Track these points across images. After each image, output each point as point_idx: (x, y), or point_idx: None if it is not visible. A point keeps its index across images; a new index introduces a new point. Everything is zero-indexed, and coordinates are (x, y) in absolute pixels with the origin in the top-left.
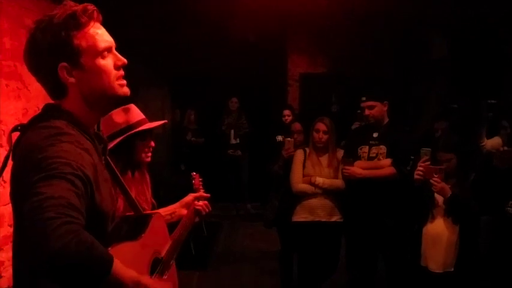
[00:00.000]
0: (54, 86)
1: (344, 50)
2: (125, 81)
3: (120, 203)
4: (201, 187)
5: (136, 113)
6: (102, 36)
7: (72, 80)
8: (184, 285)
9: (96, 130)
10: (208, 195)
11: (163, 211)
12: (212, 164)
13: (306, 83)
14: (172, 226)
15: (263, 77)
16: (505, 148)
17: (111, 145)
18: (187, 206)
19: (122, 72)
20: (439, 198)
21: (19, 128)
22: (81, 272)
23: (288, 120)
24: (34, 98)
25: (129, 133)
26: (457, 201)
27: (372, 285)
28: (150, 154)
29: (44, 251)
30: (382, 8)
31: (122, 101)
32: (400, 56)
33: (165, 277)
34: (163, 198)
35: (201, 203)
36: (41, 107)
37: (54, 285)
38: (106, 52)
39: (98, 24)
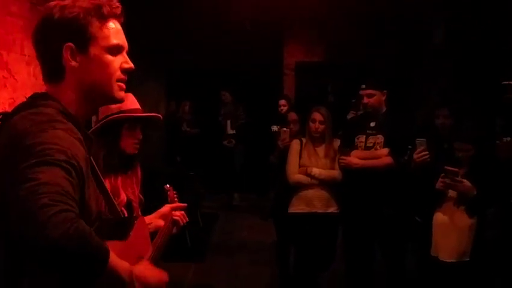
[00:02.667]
0: (53, 67)
1: (340, 39)
2: (124, 86)
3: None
4: (175, 199)
5: (131, 101)
6: (117, 34)
7: (73, 63)
8: (181, 277)
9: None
10: (185, 205)
11: None
12: (207, 155)
13: (302, 72)
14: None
15: (259, 67)
16: (509, 139)
17: (96, 127)
18: (164, 217)
19: (125, 77)
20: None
21: (1, 116)
22: (80, 262)
23: (284, 110)
24: (21, 87)
25: (115, 116)
26: (481, 201)
27: (370, 275)
28: (137, 146)
29: (40, 239)
30: None
31: (113, 104)
32: (399, 45)
33: None
34: (158, 189)
35: (178, 213)
36: (28, 97)
37: (40, 285)
38: (116, 50)
39: (117, 23)
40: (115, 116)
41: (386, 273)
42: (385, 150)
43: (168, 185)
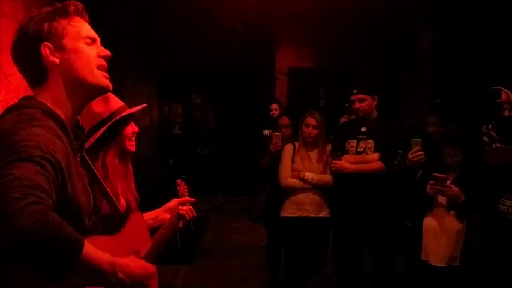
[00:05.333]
0: (35, 71)
1: (332, 44)
2: (107, 75)
3: (105, 205)
4: (186, 193)
5: (115, 101)
6: (86, 27)
7: (54, 59)
8: (171, 280)
9: (73, 128)
10: (193, 199)
11: (146, 215)
12: (197, 158)
13: (294, 77)
14: (154, 231)
15: (251, 71)
16: (498, 145)
17: (96, 136)
18: (170, 211)
19: (104, 63)
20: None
21: None
22: (49, 253)
23: (276, 114)
24: (14, 90)
25: (114, 119)
26: (470, 205)
27: (358, 280)
28: (134, 142)
29: (8, 231)
30: (370, 1)
31: (101, 94)
32: (389, 49)
33: None
34: (150, 192)
35: (185, 207)
36: None
37: (25, 278)
38: (89, 40)
39: (83, 21)
40: (113, 119)
41: (375, 277)
42: (376, 155)
43: (179, 179)
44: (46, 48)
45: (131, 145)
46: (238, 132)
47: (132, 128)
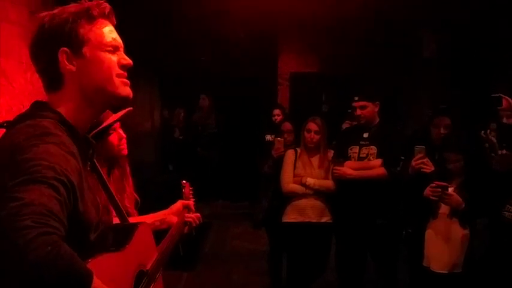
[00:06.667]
0: (52, 75)
1: (335, 50)
2: (128, 81)
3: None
4: (191, 196)
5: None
6: (111, 33)
7: (71, 67)
8: (172, 286)
9: (85, 133)
10: (193, 201)
11: (152, 217)
12: (198, 163)
13: (297, 82)
14: (159, 233)
15: (253, 76)
16: (504, 152)
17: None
18: (177, 213)
19: (125, 72)
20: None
21: (5, 124)
22: (60, 286)
23: (278, 120)
24: (18, 94)
25: (95, 131)
26: (471, 212)
27: (361, 286)
28: (124, 146)
29: (19, 262)
30: (373, 7)
31: (122, 103)
32: (391, 55)
33: None
34: (151, 197)
35: (192, 215)
36: (25, 104)
37: None
38: (112, 48)
39: (108, 23)
40: (94, 131)
41: (378, 283)
42: (378, 161)
43: (184, 181)
44: (64, 54)
45: (121, 149)
46: (241, 137)
47: (118, 135)
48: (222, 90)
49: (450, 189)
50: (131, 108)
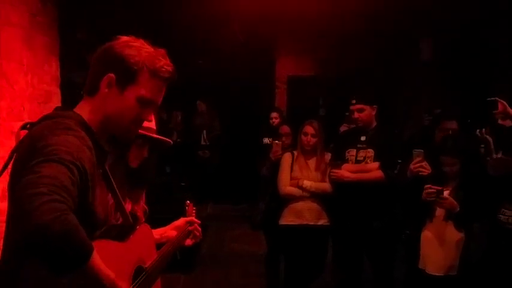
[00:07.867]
0: (94, 82)
1: (332, 53)
2: (140, 126)
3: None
4: (194, 214)
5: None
6: (158, 93)
7: (106, 90)
8: None
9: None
10: (199, 222)
11: (154, 232)
12: (196, 166)
13: (294, 86)
14: (160, 247)
15: (251, 79)
16: (500, 156)
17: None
18: (178, 229)
19: (139, 123)
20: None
21: (28, 126)
22: (60, 250)
23: (276, 123)
24: (19, 97)
25: (148, 135)
26: (466, 215)
27: (358, 287)
28: (139, 162)
29: (27, 223)
30: (371, 11)
31: (122, 141)
32: (389, 59)
33: None
34: (148, 199)
35: (195, 225)
36: (26, 106)
37: (39, 270)
38: (147, 104)
39: (165, 85)
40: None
41: (374, 285)
42: (376, 164)
43: (188, 201)
44: (108, 79)
45: (134, 162)
46: (239, 140)
47: (140, 152)
48: (219, 93)
49: (446, 193)
50: (170, 142)
